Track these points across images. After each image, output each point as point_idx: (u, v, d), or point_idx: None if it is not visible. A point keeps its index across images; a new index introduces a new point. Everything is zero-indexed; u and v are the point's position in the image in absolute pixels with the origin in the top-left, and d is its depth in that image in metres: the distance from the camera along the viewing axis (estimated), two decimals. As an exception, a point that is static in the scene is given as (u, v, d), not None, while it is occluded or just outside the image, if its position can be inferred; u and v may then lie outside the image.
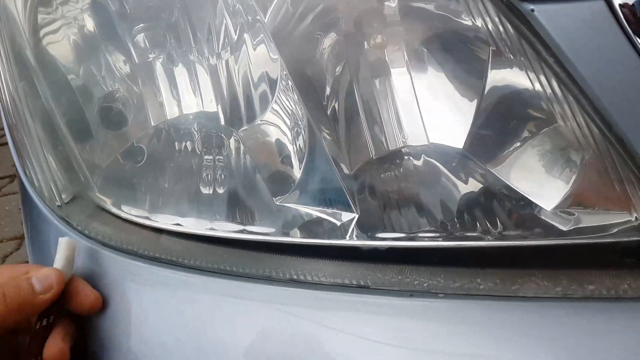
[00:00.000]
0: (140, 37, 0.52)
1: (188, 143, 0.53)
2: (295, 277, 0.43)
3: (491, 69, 0.42)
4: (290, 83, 0.48)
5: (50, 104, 0.54)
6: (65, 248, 0.48)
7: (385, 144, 0.47)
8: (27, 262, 0.58)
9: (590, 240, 0.40)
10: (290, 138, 0.49)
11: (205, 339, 0.43)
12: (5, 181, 2.50)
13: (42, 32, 0.54)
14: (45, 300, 0.45)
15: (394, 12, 0.45)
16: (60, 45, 0.54)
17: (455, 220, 0.43)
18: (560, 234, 0.41)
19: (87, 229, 0.51)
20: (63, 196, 0.53)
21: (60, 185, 0.53)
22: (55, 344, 0.46)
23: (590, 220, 0.41)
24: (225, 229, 0.48)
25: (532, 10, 0.36)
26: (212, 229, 0.48)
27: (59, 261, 0.47)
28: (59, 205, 0.53)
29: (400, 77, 0.46)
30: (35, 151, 0.53)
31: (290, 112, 0.49)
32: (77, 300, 0.47)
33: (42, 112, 0.55)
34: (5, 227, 2.19)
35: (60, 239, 0.48)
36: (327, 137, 0.47)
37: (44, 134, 0.54)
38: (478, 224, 0.43)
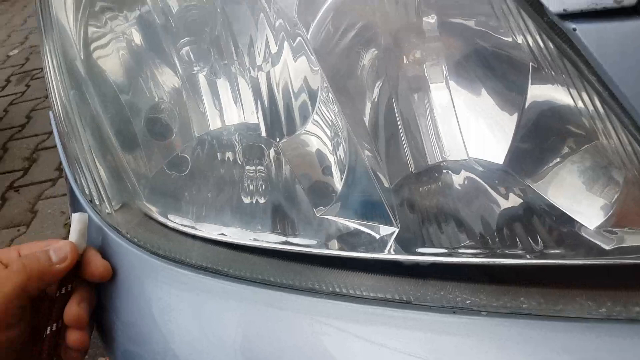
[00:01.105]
0: (185, 51, 0.54)
1: (230, 154, 0.55)
2: (337, 290, 0.43)
3: (531, 85, 0.42)
4: (330, 95, 0.48)
5: (100, 114, 0.56)
6: (78, 222, 0.53)
7: (424, 159, 0.47)
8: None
9: (634, 261, 0.40)
10: (330, 148, 0.49)
11: (249, 348, 0.44)
12: (47, 185, 2.57)
13: (92, 46, 0.56)
14: (61, 270, 0.50)
15: (432, 28, 0.46)
16: (109, 58, 0.56)
17: (496, 236, 0.43)
18: (603, 253, 0.40)
19: (136, 237, 0.52)
20: (112, 204, 0.55)
21: (110, 193, 0.55)
22: (73, 309, 0.51)
23: (633, 240, 0.40)
24: (268, 239, 0.49)
25: (574, 29, 0.36)
26: (255, 239, 0.49)
27: (73, 235, 0.52)
28: (108, 213, 0.54)
29: (439, 92, 0.46)
30: (86, 159, 0.55)
31: (330, 123, 0.49)
32: (89, 270, 0.52)
33: (91, 121, 0.57)
34: (48, 230, 2.26)
35: (73, 214, 0.53)
36: (367, 151, 0.47)
37: (94, 142, 0.56)
38: (519, 241, 0.42)
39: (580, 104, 0.40)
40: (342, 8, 0.46)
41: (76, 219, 0.53)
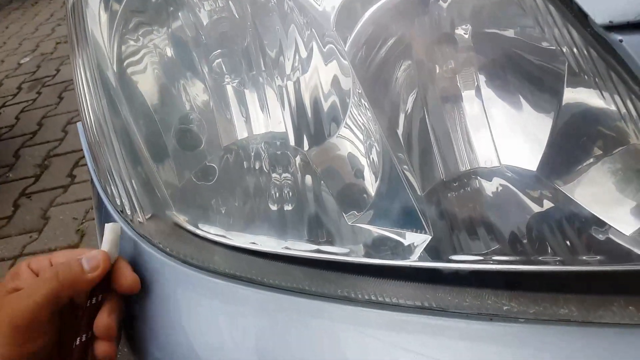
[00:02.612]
0: (216, 63, 0.55)
1: (256, 162, 0.55)
2: (373, 298, 0.43)
3: (567, 93, 0.42)
4: (363, 101, 0.49)
5: (131, 125, 0.57)
6: (111, 232, 0.53)
7: (456, 166, 0.47)
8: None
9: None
10: (363, 151, 0.49)
11: (283, 357, 0.45)
12: (59, 191, 2.59)
13: (125, 59, 0.57)
14: (93, 278, 0.51)
15: (466, 38, 0.46)
16: (142, 71, 0.57)
17: (531, 243, 0.43)
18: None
19: (167, 246, 0.53)
20: (144, 214, 0.55)
21: (141, 203, 0.55)
22: (104, 320, 0.51)
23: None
24: (300, 248, 0.49)
25: (621, 41, 0.36)
26: (287, 247, 0.50)
27: (105, 244, 0.52)
28: (140, 223, 0.55)
29: (471, 101, 0.47)
30: (119, 169, 0.56)
31: (363, 127, 0.50)
32: (118, 281, 0.52)
33: (122, 132, 0.57)
34: (60, 236, 2.27)
35: (106, 224, 0.53)
36: (400, 157, 0.48)
37: (125, 153, 0.56)
38: (554, 248, 0.43)
39: (625, 113, 0.40)
40: (378, 22, 0.47)
41: (109, 229, 0.53)
